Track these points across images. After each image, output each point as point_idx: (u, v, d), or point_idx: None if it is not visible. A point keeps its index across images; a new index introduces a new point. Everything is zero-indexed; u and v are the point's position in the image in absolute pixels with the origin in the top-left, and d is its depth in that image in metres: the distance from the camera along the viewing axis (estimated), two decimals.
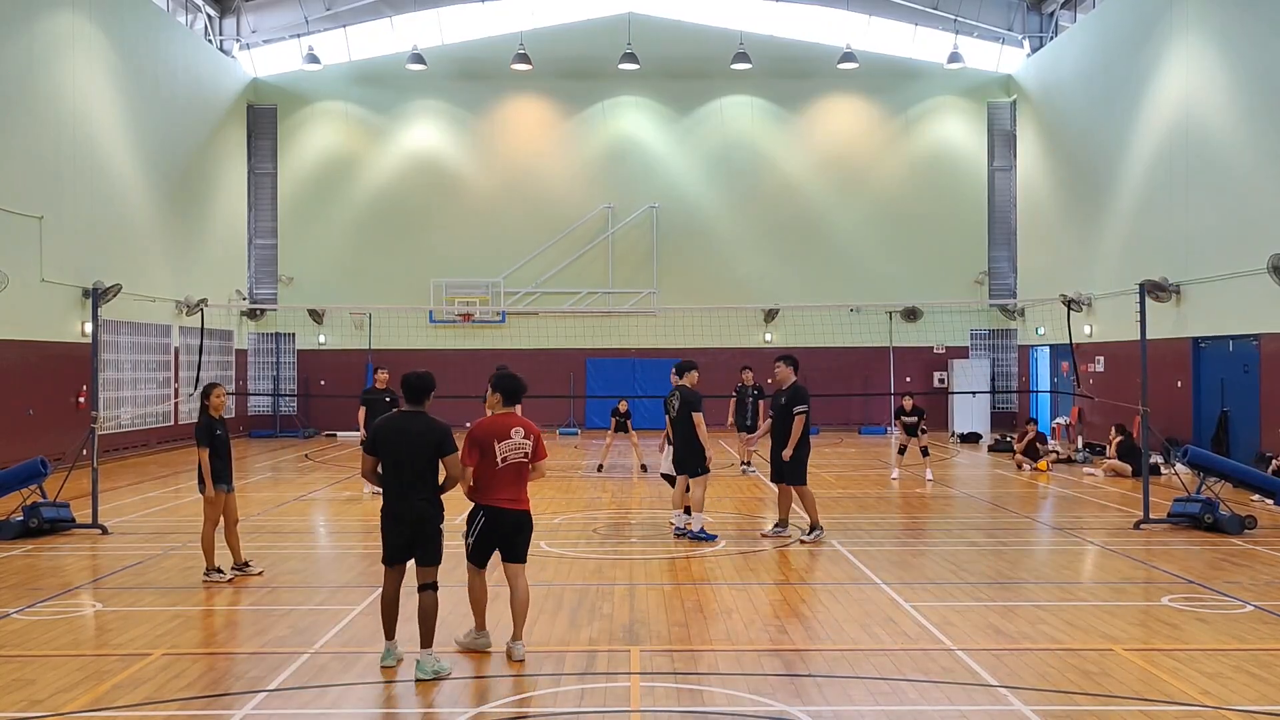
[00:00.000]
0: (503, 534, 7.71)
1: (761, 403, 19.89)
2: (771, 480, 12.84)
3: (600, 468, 20.11)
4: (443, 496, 7.55)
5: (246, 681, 7.19)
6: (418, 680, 7.19)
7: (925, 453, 18.86)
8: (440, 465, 7.45)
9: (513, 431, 7.69)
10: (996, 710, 6.66)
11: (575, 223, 31.18)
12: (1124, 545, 12.25)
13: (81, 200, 22.12)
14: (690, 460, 12.44)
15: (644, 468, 19.85)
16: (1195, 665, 7.43)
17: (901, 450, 19.31)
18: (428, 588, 7.38)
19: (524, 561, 7.81)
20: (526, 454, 7.70)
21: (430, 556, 7.44)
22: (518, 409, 7.94)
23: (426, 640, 7.33)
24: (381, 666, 7.45)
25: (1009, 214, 31.66)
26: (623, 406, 20.38)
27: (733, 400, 19.82)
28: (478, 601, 7.85)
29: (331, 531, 14.13)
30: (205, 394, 10.44)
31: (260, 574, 10.53)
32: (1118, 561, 11.41)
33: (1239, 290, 19.47)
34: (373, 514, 14.68)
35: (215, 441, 10.35)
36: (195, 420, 11.05)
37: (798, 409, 12.26)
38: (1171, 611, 9.04)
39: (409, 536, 7.42)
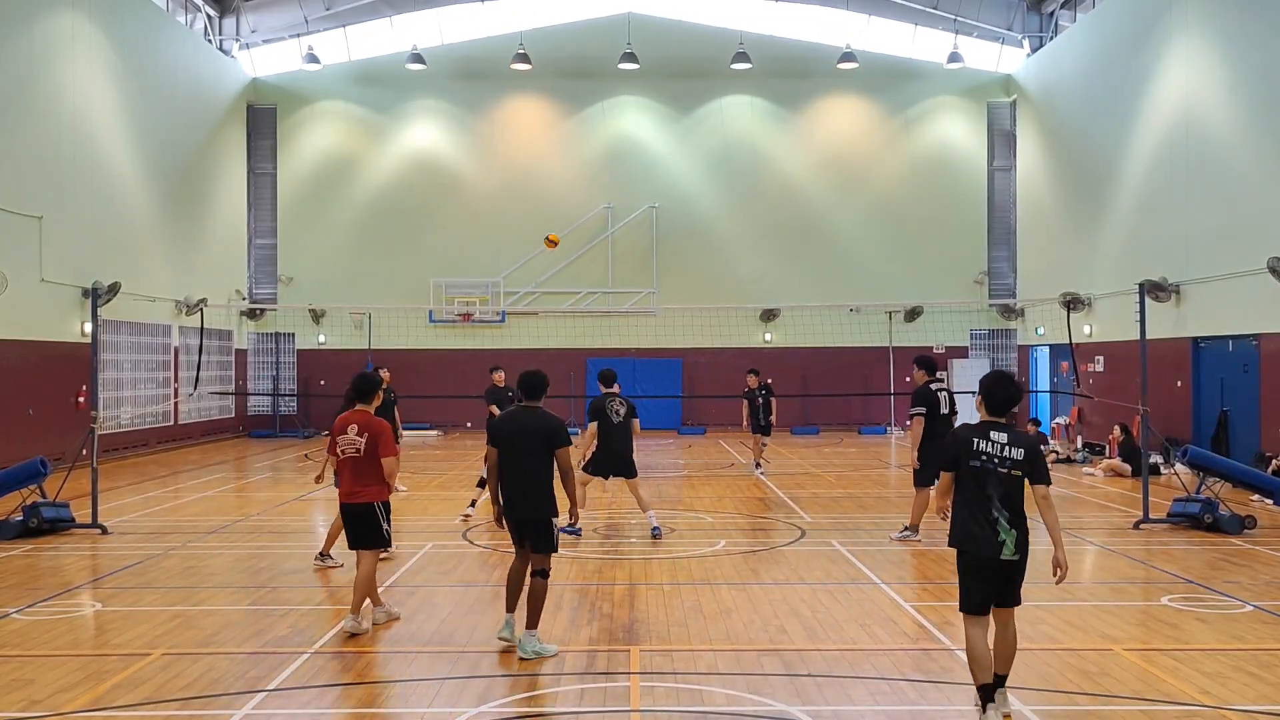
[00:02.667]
0: (345, 522, 8.60)
1: (774, 400, 20.01)
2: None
3: None
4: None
5: (246, 681, 7.19)
6: (520, 659, 7.57)
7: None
8: (554, 459, 7.90)
9: (349, 428, 8.40)
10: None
11: (575, 223, 31.17)
12: (1124, 545, 12.25)
13: (81, 200, 22.12)
14: (632, 464, 12.99)
15: None
16: (1195, 665, 7.43)
17: None
18: (539, 574, 7.83)
19: (366, 547, 8.51)
20: (359, 450, 8.32)
21: (541, 545, 7.85)
22: (369, 408, 8.60)
23: (532, 622, 7.74)
24: (498, 637, 7.96)
25: (1009, 214, 31.67)
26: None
27: (744, 403, 20.10)
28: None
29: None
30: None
31: (340, 565, 10.73)
32: (1117, 561, 11.41)
33: (1238, 290, 19.47)
34: None
35: None
36: (195, 419, 11.13)
37: (913, 410, 12.21)
38: (1171, 611, 9.04)
39: (520, 525, 7.88)
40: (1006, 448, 6.31)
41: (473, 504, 14.21)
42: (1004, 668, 6.38)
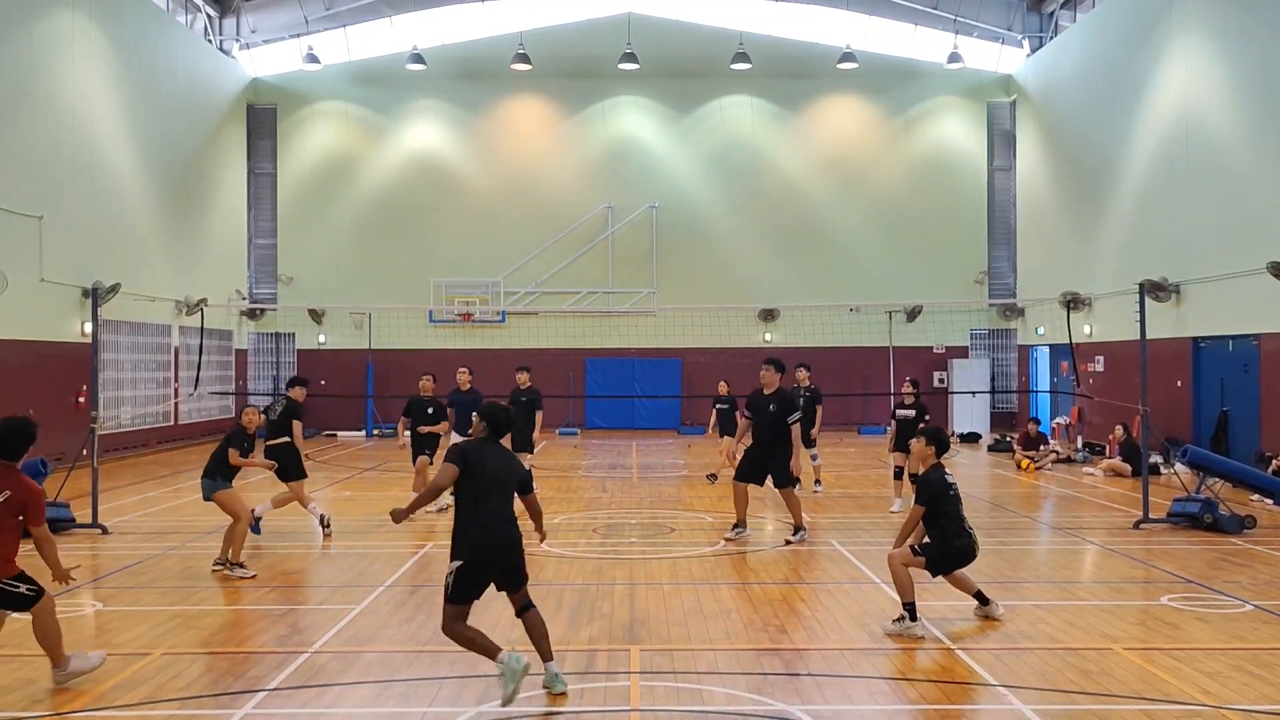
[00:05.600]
0: None
1: (818, 407, 17.13)
2: (737, 479, 12.56)
3: (713, 477, 17.97)
4: None
5: (246, 681, 7.19)
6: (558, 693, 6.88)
7: (914, 479, 13.34)
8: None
9: None
10: (996, 710, 6.67)
11: (575, 222, 31.18)
12: (1123, 545, 12.26)
13: (81, 200, 22.12)
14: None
15: (713, 477, 17.99)
16: (1195, 664, 7.43)
17: (899, 474, 14.91)
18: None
19: (18, 610, 7.31)
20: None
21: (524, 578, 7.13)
22: (15, 464, 7.52)
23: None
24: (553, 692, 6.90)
25: (1009, 214, 31.67)
26: (723, 390, 17.88)
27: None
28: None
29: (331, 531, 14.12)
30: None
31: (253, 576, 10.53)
32: (1117, 561, 11.42)
33: (1238, 290, 19.46)
34: (371, 514, 14.67)
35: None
36: (195, 419, 11.16)
37: (792, 418, 12.27)
38: (1171, 611, 9.04)
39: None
40: (951, 476, 8.73)
41: None
42: (973, 588, 8.82)
